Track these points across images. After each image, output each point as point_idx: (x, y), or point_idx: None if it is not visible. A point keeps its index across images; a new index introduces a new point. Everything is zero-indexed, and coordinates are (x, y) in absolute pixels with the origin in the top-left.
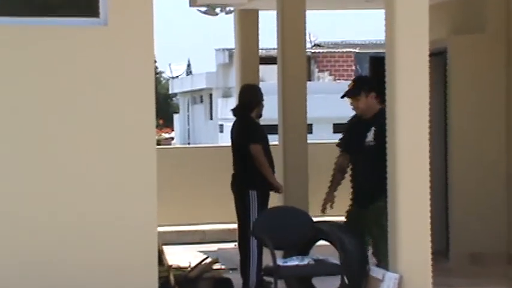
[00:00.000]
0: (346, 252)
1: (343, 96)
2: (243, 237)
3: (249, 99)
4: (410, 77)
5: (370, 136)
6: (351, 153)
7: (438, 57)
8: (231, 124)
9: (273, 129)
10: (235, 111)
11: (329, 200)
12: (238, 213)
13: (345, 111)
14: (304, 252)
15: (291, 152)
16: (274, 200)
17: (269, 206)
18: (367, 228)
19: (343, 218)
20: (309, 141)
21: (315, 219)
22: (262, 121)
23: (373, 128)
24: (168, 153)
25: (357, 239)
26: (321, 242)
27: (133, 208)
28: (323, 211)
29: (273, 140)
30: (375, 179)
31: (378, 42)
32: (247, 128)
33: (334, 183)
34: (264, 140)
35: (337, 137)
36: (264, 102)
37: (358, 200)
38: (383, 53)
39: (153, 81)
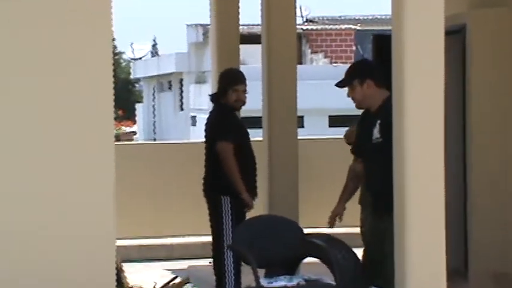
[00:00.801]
0: (343, 271)
1: (336, 85)
2: (218, 252)
3: (221, 84)
4: (421, 60)
5: (376, 132)
6: (360, 155)
7: (455, 36)
8: (205, 116)
9: (256, 122)
10: (212, 98)
11: (338, 211)
12: (212, 224)
13: (343, 101)
14: (291, 270)
15: (277, 149)
16: (257, 207)
17: (248, 215)
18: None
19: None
20: (299, 137)
21: (305, 230)
22: (243, 112)
23: (378, 121)
24: (129, 151)
25: (355, 255)
26: (311, 259)
27: (85, 217)
28: (330, 225)
29: (256, 135)
30: (387, 184)
31: (383, 17)
32: (217, 119)
33: (346, 193)
34: (240, 137)
35: (333, 132)
36: (247, 89)
37: (369, 210)
38: (389, 30)
39: (111, 64)
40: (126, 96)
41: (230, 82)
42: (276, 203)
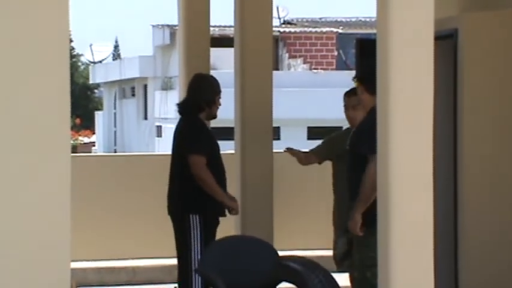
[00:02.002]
0: None
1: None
2: (185, 276)
3: (200, 95)
4: (409, 67)
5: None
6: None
7: (446, 41)
8: (172, 126)
9: (227, 133)
10: (180, 107)
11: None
12: (178, 245)
13: (324, 111)
14: None
15: (251, 163)
16: (227, 227)
17: (218, 236)
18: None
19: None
20: (275, 150)
21: (281, 253)
22: (213, 122)
23: (354, 129)
24: (88, 164)
25: (333, 280)
26: (287, 284)
27: (37, 237)
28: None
29: (228, 147)
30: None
31: (367, 19)
32: (190, 132)
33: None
34: (212, 150)
35: (312, 145)
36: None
37: (342, 233)
38: (373, 34)
39: (68, 67)
40: (84, 103)
41: (218, 90)
42: (249, 222)
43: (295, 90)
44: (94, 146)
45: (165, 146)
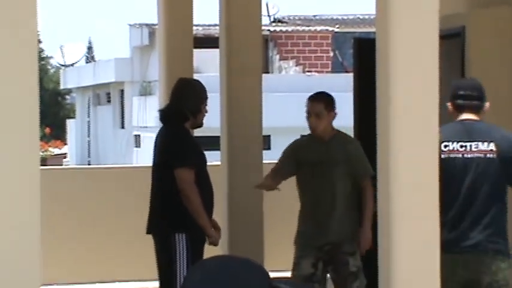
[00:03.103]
0: None
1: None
2: None
3: (184, 103)
4: (411, 68)
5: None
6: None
7: (453, 41)
8: (152, 135)
9: (212, 142)
10: (163, 115)
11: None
12: (159, 267)
13: None
14: None
15: (238, 176)
16: (214, 247)
17: (205, 256)
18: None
19: None
20: (265, 161)
21: (272, 274)
22: (197, 131)
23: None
24: (59, 177)
25: None
26: None
27: (2, 258)
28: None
29: (213, 158)
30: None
31: (366, 17)
32: (175, 142)
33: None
34: (199, 162)
35: None
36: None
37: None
38: (373, 33)
39: (36, 71)
40: (54, 111)
41: (204, 97)
42: (237, 241)
43: (287, 95)
44: (66, 157)
45: (144, 157)
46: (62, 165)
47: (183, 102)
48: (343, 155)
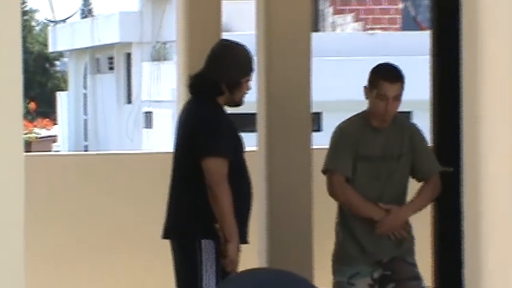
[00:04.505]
0: None
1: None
2: None
3: (222, 72)
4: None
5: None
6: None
7: None
8: (167, 112)
9: (246, 121)
10: (193, 84)
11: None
12: (178, 281)
13: None
14: None
15: (281, 164)
16: (248, 257)
17: (239, 268)
18: None
19: None
20: (315, 146)
21: None
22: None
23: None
24: (47, 167)
25: None
26: None
27: None
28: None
29: (247, 142)
30: None
31: None
32: (205, 123)
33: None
34: (234, 150)
35: None
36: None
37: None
38: None
39: (18, 28)
40: (41, 81)
41: (248, 69)
42: (279, 250)
43: (343, 59)
44: (55, 141)
45: (156, 140)
46: (51, 151)
47: (220, 71)
48: (407, 146)
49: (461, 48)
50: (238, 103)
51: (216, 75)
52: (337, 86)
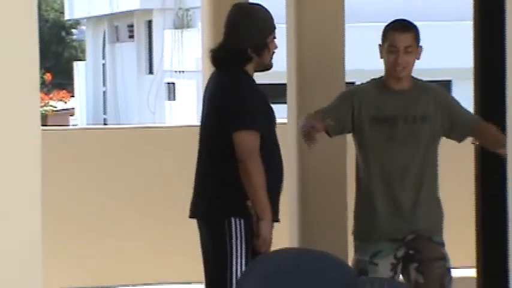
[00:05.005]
0: None
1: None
2: None
3: (246, 37)
4: None
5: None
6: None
7: None
8: (191, 83)
9: (276, 92)
10: (216, 57)
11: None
12: (206, 261)
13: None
14: None
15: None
16: (279, 236)
17: (272, 248)
18: None
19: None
20: None
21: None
22: (257, 78)
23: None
24: (66, 142)
25: None
26: None
27: None
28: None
29: (279, 113)
30: None
31: None
32: (233, 95)
33: None
34: (267, 122)
35: None
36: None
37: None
38: None
39: None
40: (57, 50)
41: (270, 27)
42: (312, 230)
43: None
44: (73, 114)
45: (180, 113)
46: (68, 125)
47: (242, 37)
48: (433, 107)
49: (507, 12)
50: (268, 66)
51: (241, 42)
52: (371, 54)
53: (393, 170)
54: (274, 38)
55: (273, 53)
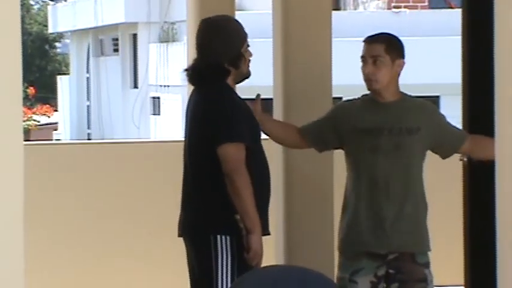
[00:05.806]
0: None
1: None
2: None
3: (219, 51)
4: None
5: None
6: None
7: None
8: (177, 97)
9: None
10: (193, 75)
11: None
12: (193, 280)
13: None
14: None
15: (300, 155)
16: (267, 253)
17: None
18: None
19: None
20: None
21: None
22: (242, 93)
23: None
24: (49, 157)
25: None
26: None
27: None
28: None
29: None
30: None
31: None
32: (216, 108)
33: None
34: (251, 134)
35: None
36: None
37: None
38: None
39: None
40: (40, 64)
41: (242, 37)
42: (298, 247)
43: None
44: (56, 129)
45: (165, 127)
46: (52, 139)
47: (217, 52)
48: (421, 121)
49: (495, 28)
50: (247, 75)
51: (216, 58)
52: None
53: (377, 181)
54: (248, 46)
55: (249, 60)
